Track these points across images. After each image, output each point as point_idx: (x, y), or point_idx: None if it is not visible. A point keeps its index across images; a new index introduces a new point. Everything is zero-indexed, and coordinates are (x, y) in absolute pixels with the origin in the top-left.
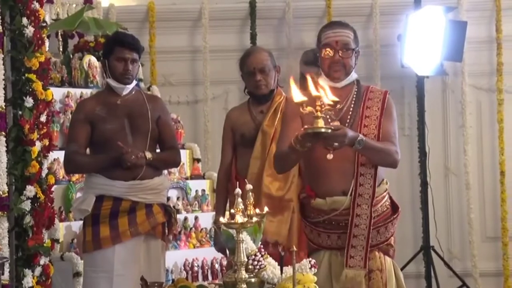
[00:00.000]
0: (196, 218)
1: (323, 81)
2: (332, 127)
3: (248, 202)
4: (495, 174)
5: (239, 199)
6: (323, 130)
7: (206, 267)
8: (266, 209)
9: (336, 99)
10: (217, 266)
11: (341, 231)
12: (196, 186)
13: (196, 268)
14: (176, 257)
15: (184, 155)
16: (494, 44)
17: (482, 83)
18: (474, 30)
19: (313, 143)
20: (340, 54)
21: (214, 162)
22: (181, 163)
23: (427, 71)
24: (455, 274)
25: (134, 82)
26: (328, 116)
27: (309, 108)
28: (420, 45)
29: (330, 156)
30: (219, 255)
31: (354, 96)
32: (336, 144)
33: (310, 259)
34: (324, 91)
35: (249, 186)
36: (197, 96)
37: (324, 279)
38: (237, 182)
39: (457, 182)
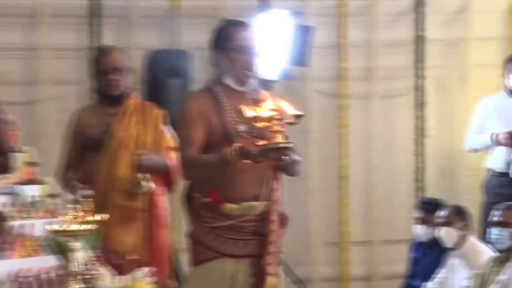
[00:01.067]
0: (28, 225)
1: (228, 84)
2: (291, 141)
3: (86, 208)
4: (337, 179)
5: (75, 205)
6: (282, 145)
7: (41, 277)
8: (103, 216)
9: (300, 112)
10: (52, 275)
11: (249, 238)
12: (30, 191)
13: (30, 279)
14: (6, 268)
15: (18, 158)
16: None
17: (326, 88)
18: (320, 35)
19: (268, 157)
20: (254, 58)
21: (50, 166)
22: (15, 167)
23: (274, 75)
24: (296, 280)
25: None
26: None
27: (263, 124)
28: (266, 49)
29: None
30: (55, 264)
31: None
32: (287, 158)
33: (146, 268)
34: (283, 105)
35: (87, 191)
36: (33, 97)
37: None
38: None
39: (299, 187)
